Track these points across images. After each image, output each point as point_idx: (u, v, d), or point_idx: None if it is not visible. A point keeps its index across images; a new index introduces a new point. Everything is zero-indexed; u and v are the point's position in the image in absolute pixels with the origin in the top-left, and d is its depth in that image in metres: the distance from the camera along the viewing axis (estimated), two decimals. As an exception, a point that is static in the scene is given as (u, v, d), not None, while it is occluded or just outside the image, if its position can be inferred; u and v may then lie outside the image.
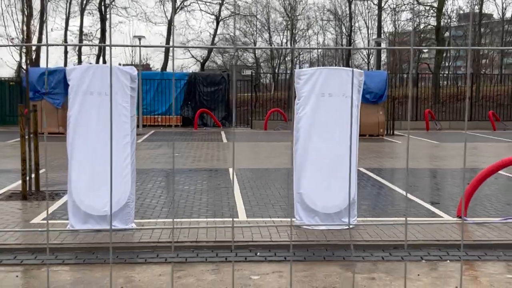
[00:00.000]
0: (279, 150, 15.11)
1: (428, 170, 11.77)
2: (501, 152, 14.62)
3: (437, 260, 5.88)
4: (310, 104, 6.58)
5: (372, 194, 8.96)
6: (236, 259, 5.84)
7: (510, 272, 5.56)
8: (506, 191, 9.19)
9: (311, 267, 5.65)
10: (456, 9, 41.37)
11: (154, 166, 11.76)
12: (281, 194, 8.85)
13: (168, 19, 31.74)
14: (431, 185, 10.16)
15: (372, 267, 5.68)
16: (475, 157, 13.82)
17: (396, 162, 12.94)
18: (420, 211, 7.66)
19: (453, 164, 12.54)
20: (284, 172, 11.21)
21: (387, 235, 6.41)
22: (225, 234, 6.40)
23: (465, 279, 5.37)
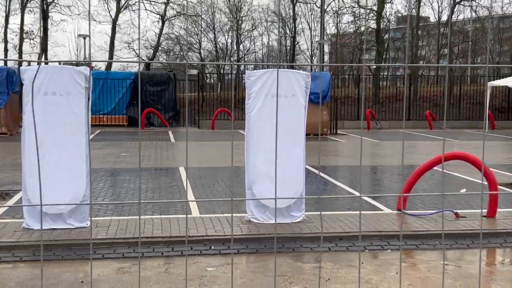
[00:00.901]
0: (227, 149, 15.41)
1: (369, 167, 12.34)
2: (437, 150, 15.46)
3: (379, 250, 6.33)
4: (260, 104, 6.91)
5: (318, 190, 9.39)
6: (191, 253, 6.09)
7: (447, 258, 6.06)
8: (440, 186, 9.82)
9: (263, 259, 5.97)
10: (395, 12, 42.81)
11: (103, 166, 11.80)
12: (232, 191, 9.15)
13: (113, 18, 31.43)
14: (372, 181, 10.71)
15: (319, 257, 6.06)
16: (413, 154, 14.57)
17: (340, 160, 13.49)
18: (363, 205, 8.14)
19: (392, 161, 13.20)
20: (234, 170, 11.52)
21: (332, 228, 6.82)
22: (180, 230, 6.64)
23: (405, 266, 5.83)
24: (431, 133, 21.58)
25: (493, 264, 6.16)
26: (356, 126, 23.55)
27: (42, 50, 29.75)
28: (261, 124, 6.92)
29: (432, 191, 9.28)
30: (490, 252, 6.47)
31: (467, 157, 7.76)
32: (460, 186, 9.52)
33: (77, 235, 6.38)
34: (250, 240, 6.48)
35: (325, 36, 32.94)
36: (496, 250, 6.49)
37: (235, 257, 6.04)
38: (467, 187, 9.52)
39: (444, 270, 5.66)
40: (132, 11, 32.97)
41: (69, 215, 6.59)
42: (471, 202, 8.35)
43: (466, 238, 6.70)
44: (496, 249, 6.49)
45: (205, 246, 6.29)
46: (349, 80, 31.99)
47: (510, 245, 6.55)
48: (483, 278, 5.48)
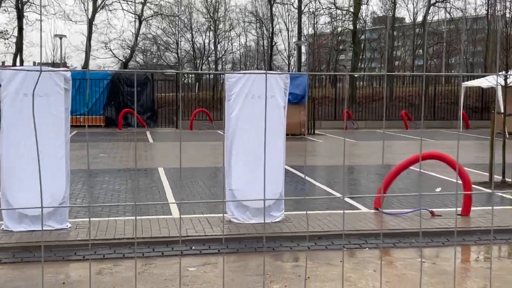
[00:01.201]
0: (205, 149, 15.44)
1: (346, 167, 12.48)
2: (413, 150, 15.70)
3: (357, 248, 6.45)
4: (240, 106, 6.98)
5: (297, 189, 9.50)
6: (172, 253, 6.13)
7: (424, 256, 6.20)
8: (415, 185, 10.01)
9: (243, 258, 6.05)
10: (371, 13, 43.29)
11: (80, 166, 11.73)
12: (211, 191, 9.21)
13: (89, 17, 31.18)
14: (349, 181, 10.85)
15: (299, 255, 6.16)
16: (390, 154, 14.78)
17: (318, 160, 13.62)
18: (341, 204, 8.27)
19: (369, 161, 13.38)
20: (213, 170, 11.57)
21: (311, 227, 6.93)
22: (161, 231, 6.67)
23: (383, 264, 5.95)
24: (406, 133, 21.88)
25: (468, 261, 6.32)
26: (333, 126, 23.76)
27: (17, 50, 29.36)
28: (241, 125, 6.99)
29: (407, 190, 9.45)
30: (465, 249, 6.63)
31: (442, 157, 7.94)
32: (435, 185, 9.71)
33: (57, 236, 6.37)
34: (230, 240, 6.55)
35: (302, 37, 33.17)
36: (470, 247, 6.66)
37: (215, 257, 6.09)
38: (442, 186, 9.72)
39: (420, 266, 5.79)
40: (109, 10, 32.76)
41: (49, 217, 6.57)
42: (446, 201, 8.54)
43: (441, 236, 6.87)
44: (471, 247, 6.66)
45: (186, 246, 6.34)
46: (326, 80, 32.25)
47: (484, 242, 6.73)
48: (458, 275, 5.64)
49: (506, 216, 7.65)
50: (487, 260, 6.14)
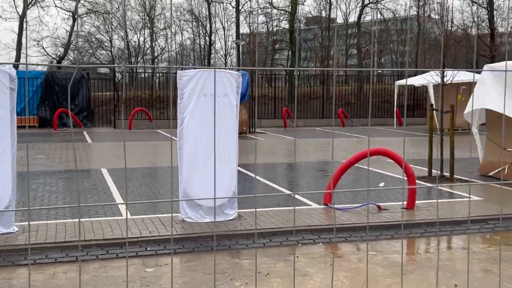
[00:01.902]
0: (147, 149, 15.22)
1: (288, 164, 12.66)
2: (352, 146, 16.13)
3: (310, 244, 6.57)
4: (192, 104, 6.94)
5: (246, 187, 9.55)
6: (129, 255, 6.03)
7: (372, 249, 6.40)
8: (360, 180, 10.29)
9: (200, 257, 6.03)
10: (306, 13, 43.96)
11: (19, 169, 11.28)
12: (160, 191, 9.10)
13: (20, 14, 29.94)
14: (295, 178, 11.00)
15: (255, 252, 6.20)
16: (327, 151, 15.11)
17: (262, 158, 13.72)
18: (291, 200, 8.39)
19: (311, 157, 13.61)
20: (160, 170, 11.44)
21: (265, 224, 6.99)
22: (113, 232, 6.54)
23: (337, 258, 6.10)
24: (343, 130, 22.43)
25: (418, 253, 6.58)
26: (273, 124, 24.00)
27: None
28: (194, 124, 6.96)
29: (353, 185, 9.70)
30: (413, 241, 6.90)
31: (388, 152, 8.21)
32: (379, 181, 10.03)
33: (5, 241, 6.12)
34: (185, 239, 6.51)
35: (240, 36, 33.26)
36: (418, 239, 6.93)
37: (172, 257, 6.04)
38: (385, 181, 10.05)
39: (374, 259, 5.98)
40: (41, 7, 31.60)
41: (-6, 221, 6.30)
42: (391, 195, 8.83)
43: (390, 229, 7.11)
44: (418, 239, 6.93)
45: (141, 247, 6.25)
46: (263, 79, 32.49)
47: (430, 234, 7.02)
48: (409, 266, 5.86)
49: (447, 208, 8.01)
50: (435, 251, 6.41)
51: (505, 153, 10.30)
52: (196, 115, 6.95)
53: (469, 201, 8.35)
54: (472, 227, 7.24)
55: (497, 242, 6.67)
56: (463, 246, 6.63)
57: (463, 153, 13.51)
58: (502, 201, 8.48)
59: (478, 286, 5.13)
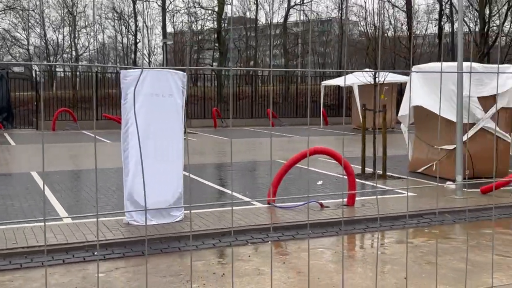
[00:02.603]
0: (75, 151, 14.73)
1: (222, 164, 12.67)
2: (282, 146, 16.36)
3: (260, 242, 6.62)
4: (138, 105, 6.80)
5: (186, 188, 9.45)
6: (74, 260, 5.83)
7: (321, 246, 6.53)
8: (299, 179, 10.46)
9: (151, 260, 5.92)
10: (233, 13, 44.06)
11: None
12: (101, 193, 8.84)
13: None
14: (234, 178, 11.02)
15: (207, 253, 6.17)
16: (258, 151, 15.26)
17: (198, 158, 13.63)
18: (235, 200, 8.40)
19: (244, 157, 13.66)
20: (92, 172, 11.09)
21: (212, 224, 6.97)
22: (56, 238, 6.29)
23: (289, 256, 6.18)
24: (273, 130, 22.70)
25: (364, 248, 6.79)
26: (203, 124, 23.91)
27: None
28: (140, 125, 6.81)
29: (293, 184, 9.85)
30: (356, 237, 7.11)
31: (327, 151, 8.41)
32: (317, 179, 10.25)
33: None
34: (133, 242, 6.36)
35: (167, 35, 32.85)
36: (362, 235, 7.15)
37: (122, 261, 5.90)
38: (323, 179, 10.28)
39: (324, 256, 6.12)
40: None
41: None
42: (330, 192, 9.05)
43: (334, 226, 7.29)
44: (362, 234, 7.15)
45: (87, 252, 6.06)
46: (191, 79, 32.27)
47: (372, 230, 7.26)
48: (358, 261, 6.04)
49: (384, 204, 8.31)
50: (380, 246, 6.64)
51: (432, 150, 10.82)
52: (141, 116, 6.82)
53: (407, 196, 8.70)
54: (410, 222, 7.56)
55: (436, 236, 7.01)
56: (404, 240, 6.90)
57: (391, 151, 14.06)
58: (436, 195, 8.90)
59: (426, 278, 5.38)
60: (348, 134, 20.47)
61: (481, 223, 7.65)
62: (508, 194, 9.00)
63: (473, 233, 7.11)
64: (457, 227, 7.54)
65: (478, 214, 7.98)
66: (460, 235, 7.15)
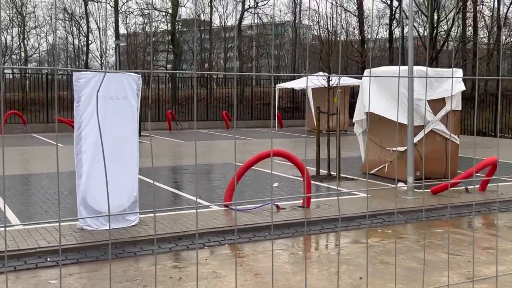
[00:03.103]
0: (28, 154, 14.34)
1: (177, 167, 12.57)
2: (238, 148, 16.38)
3: (216, 245, 6.60)
4: (91, 108, 6.68)
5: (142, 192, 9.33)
6: (26, 267, 5.67)
7: (277, 247, 6.57)
8: (256, 181, 10.49)
9: (105, 265, 5.82)
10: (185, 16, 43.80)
11: None
12: (50, 199, 8.63)
13: None
14: (190, 180, 10.95)
15: (163, 258, 6.11)
16: (215, 153, 15.23)
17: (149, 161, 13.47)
18: (190, 204, 8.36)
19: (199, 160, 13.60)
20: (43, 176, 10.82)
21: (170, 228, 6.91)
22: (7, 244, 6.11)
23: (246, 258, 6.19)
24: (228, 132, 22.71)
25: (319, 249, 6.87)
26: (157, 127, 23.67)
27: None
28: (93, 128, 6.70)
29: (251, 186, 9.87)
30: (314, 238, 7.19)
31: (284, 154, 8.47)
32: (273, 181, 10.31)
33: None
34: (86, 248, 6.24)
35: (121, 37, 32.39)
36: (317, 236, 7.23)
37: (75, 267, 5.78)
38: (280, 181, 10.35)
39: (281, 257, 6.16)
40: None
41: None
42: (286, 194, 9.12)
43: (290, 227, 7.34)
44: (318, 235, 7.23)
45: (40, 258, 5.90)
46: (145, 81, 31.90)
47: (328, 230, 7.36)
48: (315, 262, 6.10)
49: (340, 205, 8.43)
50: (336, 247, 6.74)
51: (384, 152, 11.06)
52: (94, 119, 6.70)
53: (367, 197, 8.85)
54: (364, 222, 7.69)
55: (389, 236, 7.16)
56: (359, 240, 7.02)
57: (345, 153, 14.27)
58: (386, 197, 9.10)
59: (381, 277, 5.49)
60: (301, 136, 20.67)
61: (432, 222, 7.87)
62: (457, 194, 9.29)
63: (426, 233, 7.30)
64: (409, 227, 7.73)
65: (429, 214, 8.20)
66: (412, 234, 7.33)
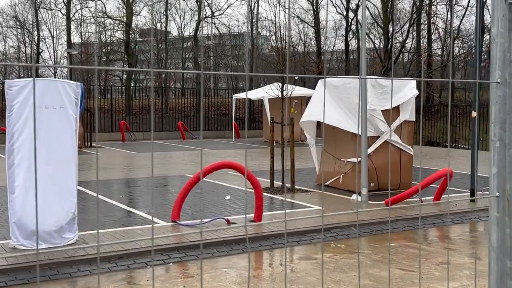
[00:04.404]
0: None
1: (129, 180, 12.10)
2: (193, 159, 15.99)
3: (160, 264, 6.21)
4: (24, 117, 6.22)
5: (85, 207, 8.86)
6: None
7: (225, 265, 6.23)
8: (205, 194, 10.14)
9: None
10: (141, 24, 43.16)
11: None
12: (-16, 215, 8.06)
13: None
14: (139, 194, 10.50)
15: (101, 279, 5.69)
16: (170, 165, 14.80)
17: (102, 174, 12.95)
18: (136, 219, 7.94)
19: (154, 172, 13.17)
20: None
21: (111, 247, 6.48)
22: None
23: (191, 277, 5.82)
24: (184, 143, 22.26)
25: (269, 266, 6.55)
26: (110, 138, 23.02)
27: None
28: (26, 139, 6.23)
29: (200, 199, 9.50)
30: (263, 254, 6.87)
31: (231, 165, 8.15)
32: (225, 193, 9.97)
33: None
34: (17, 270, 5.76)
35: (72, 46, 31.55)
36: (267, 252, 6.92)
37: (3, 292, 5.30)
38: (232, 194, 10.01)
39: (228, 277, 5.82)
40: None
41: None
42: (238, 208, 8.80)
43: (240, 243, 7.01)
44: (268, 251, 6.92)
45: (-37, 283, 5.40)
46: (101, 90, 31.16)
47: (279, 246, 7.06)
48: (263, 281, 5.79)
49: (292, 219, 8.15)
50: (287, 262, 6.44)
51: (339, 163, 10.88)
52: (28, 129, 6.24)
53: (322, 210, 8.61)
54: (317, 237, 7.44)
55: (341, 250, 6.91)
56: (310, 256, 6.75)
57: (299, 164, 14.07)
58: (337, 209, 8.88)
59: (331, 296, 5.21)
60: (258, 147, 20.41)
61: (386, 236, 7.67)
62: (411, 206, 9.14)
63: (378, 247, 7.09)
64: (362, 240, 7.51)
65: (383, 227, 8.01)
66: (365, 249, 7.10)
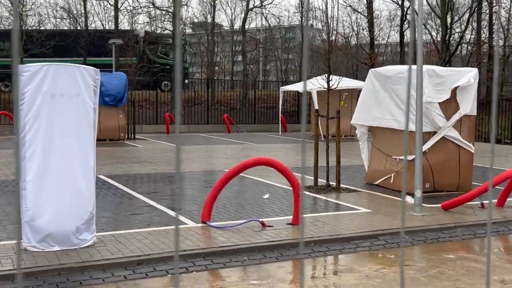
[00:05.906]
0: None
1: (169, 175, 11.51)
2: (237, 153, 15.31)
3: (183, 272, 5.54)
4: (37, 105, 5.65)
5: (113, 204, 8.30)
6: None
7: (254, 277, 5.49)
8: (243, 192, 9.42)
9: (41, 299, 4.78)
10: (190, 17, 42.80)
11: None
12: (5, 210, 7.60)
13: None
14: (173, 191, 9.89)
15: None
16: (214, 159, 14.17)
17: (139, 168, 12.44)
18: (164, 219, 7.29)
19: (194, 167, 12.55)
20: None
21: (130, 251, 5.85)
22: None
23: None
24: (229, 136, 21.63)
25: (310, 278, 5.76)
26: (155, 130, 22.68)
27: None
28: (40, 131, 5.66)
29: (236, 198, 8.79)
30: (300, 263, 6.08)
31: (271, 162, 7.39)
32: (264, 192, 9.22)
33: None
34: (26, 274, 5.20)
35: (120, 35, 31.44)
36: (305, 261, 6.13)
37: (4, 300, 4.74)
38: (272, 192, 9.25)
39: (256, 291, 5.08)
40: None
41: None
42: (276, 208, 8.03)
43: (274, 250, 6.25)
44: (306, 260, 6.13)
45: (-37, 288, 4.87)
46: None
47: (319, 254, 6.26)
48: (297, 297, 5.02)
49: (335, 222, 7.33)
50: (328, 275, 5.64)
51: (390, 160, 9.93)
52: (42, 120, 5.67)
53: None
54: (363, 245, 6.58)
55: (390, 262, 6.04)
56: (354, 268, 5.91)
57: (348, 161, 13.17)
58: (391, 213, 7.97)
59: (376, 321, 4.38)
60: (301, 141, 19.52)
61: (442, 245, 6.73)
62: (471, 211, 8.12)
63: (434, 259, 6.17)
64: (415, 250, 6.60)
65: (439, 235, 7.06)
66: (418, 261, 6.19)
